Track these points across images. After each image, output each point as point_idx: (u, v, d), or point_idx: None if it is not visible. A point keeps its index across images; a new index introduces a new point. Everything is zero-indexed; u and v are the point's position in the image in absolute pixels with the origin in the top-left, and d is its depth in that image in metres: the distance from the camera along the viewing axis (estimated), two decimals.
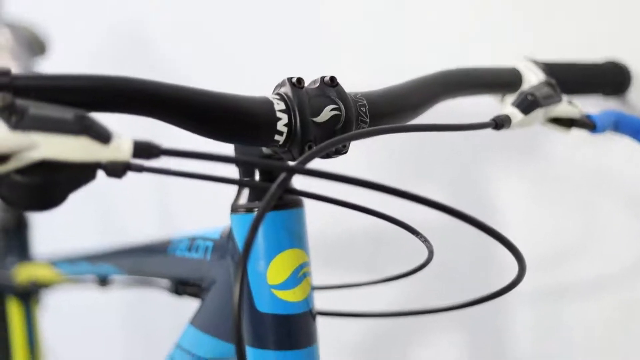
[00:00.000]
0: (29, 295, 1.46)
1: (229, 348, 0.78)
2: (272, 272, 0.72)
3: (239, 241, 0.75)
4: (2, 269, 1.47)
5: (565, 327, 1.14)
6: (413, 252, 1.09)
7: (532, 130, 1.08)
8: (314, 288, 0.76)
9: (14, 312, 1.47)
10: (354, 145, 0.70)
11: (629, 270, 1.07)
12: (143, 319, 1.90)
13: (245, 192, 0.75)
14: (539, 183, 1.14)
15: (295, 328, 0.73)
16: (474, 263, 1.23)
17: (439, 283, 1.26)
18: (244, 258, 0.56)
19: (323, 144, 0.61)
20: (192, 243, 0.85)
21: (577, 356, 1.14)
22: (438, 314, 1.27)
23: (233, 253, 0.76)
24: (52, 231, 1.82)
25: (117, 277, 1.11)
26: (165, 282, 0.94)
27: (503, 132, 1.16)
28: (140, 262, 0.99)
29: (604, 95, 0.97)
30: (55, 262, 1.26)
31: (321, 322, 0.77)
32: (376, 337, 1.39)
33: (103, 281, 1.13)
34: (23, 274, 1.41)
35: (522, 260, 0.67)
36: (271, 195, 0.58)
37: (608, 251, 1.09)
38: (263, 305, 0.72)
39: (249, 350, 0.73)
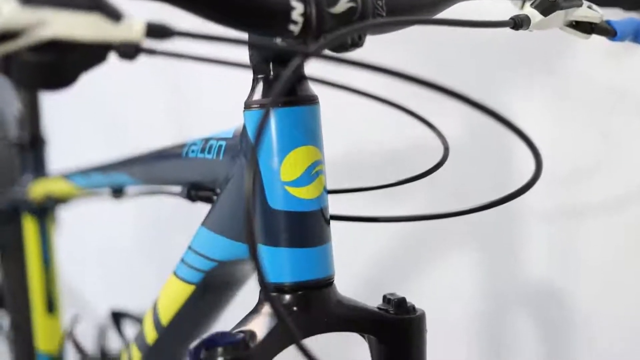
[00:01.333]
0: (45, 211, 1.47)
1: (242, 248, 0.78)
2: (286, 169, 0.71)
3: (252, 137, 0.74)
4: (18, 186, 1.48)
5: (580, 245, 1.13)
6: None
7: (552, 48, 1.07)
8: (327, 191, 0.76)
9: (30, 229, 1.48)
10: (369, 45, 0.69)
11: None
12: (155, 225, 1.91)
13: (259, 88, 0.74)
14: (557, 101, 1.13)
15: (307, 225, 0.72)
16: (491, 180, 1.22)
17: (455, 200, 1.26)
18: (255, 147, 0.55)
19: (339, 32, 0.60)
20: (205, 144, 0.84)
21: (591, 275, 1.13)
22: (453, 228, 1.27)
23: (246, 151, 0.76)
24: (67, 149, 1.82)
25: (130, 187, 1.11)
26: (179, 188, 0.94)
27: (524, 49, 1.14)
28: (154, 168, 0.99)
29: (623, 9, 0.95)
30: (69, 176, 1.26)
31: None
32: (387, 262, 1.39)
33: (117, 192, 1.13)
34: (38, 189, 1.41)
35: (539, 157, 0.66)
36: (285, 80, 0.57)
37: (626, 171, 1.08)
38: (276, 202, 0.72)
39: (262, 249, 0.73)
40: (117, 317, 1.23)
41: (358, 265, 1.41)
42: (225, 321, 0.84)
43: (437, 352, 1.29)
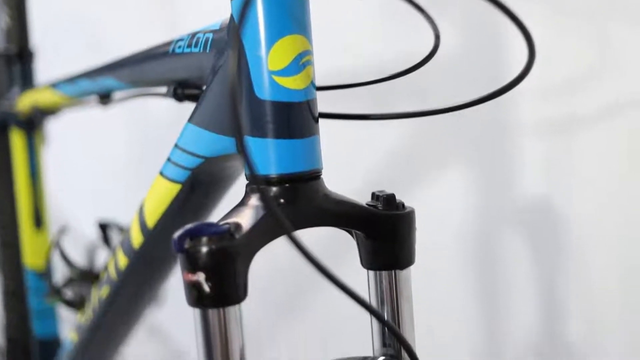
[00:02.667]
0: (32, 125, 1.45)
1: (229, 142, 0.76)
2: (273, 57, 0.70)
3: (237, 18, 0.72)
4: (5, 100, 1.46)
5: (575, 157, 1.12)
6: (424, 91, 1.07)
7: None
8: (316, 87, 0.74)
9: (17, 142, 1.46)
10: None
11: None
12: (145, 141, 1.90)
13: None
14: (553, 9, 1.11)
15: (295, 116, 0.71)
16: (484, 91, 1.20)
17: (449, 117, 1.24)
18: (238, 27, 0.54)
19: None
20: (192, 39, 0.82)
21: (587, 191, 1.12)
22: (445, 146, 1.26)
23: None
24: (55, 60, 1.79)
25: (117, 92, 1.09)
26: (165, 89, 0.92)
27: None
28: (141, 69, 0.97)
29: None
30: (56, 85, 1.24)
31: None
32: (377, 181, 1.38)
33: (104, 98, 1.11)
34: (25, 101, 1.39)
35: (532, 42, 0.64)
36: None
37: (622, 81, 1.06)
38: (263, 92, 0.70)
39: (248, 140, 0.71)
40: (104, 228, 1.22)
41: (348, 182, 1.40)
42: None
43: (429, 270, 1.29)
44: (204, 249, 0.66)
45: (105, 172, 2.10)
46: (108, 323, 1.13)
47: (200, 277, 0.67)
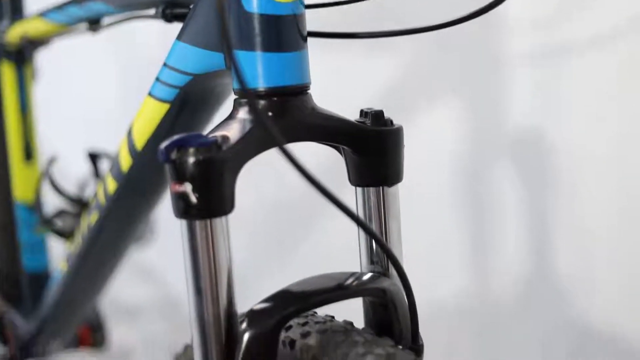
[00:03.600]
0: (22, 57, 1.44)
1: (217, 58, 0.76)
2: None
3: None
4: None
5: (565, 86, 1.12)
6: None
7: None
8: (305, 5, 0.74)
9: (7, 75, 1.45)
10: None
11: (632, 23, 1.04)
12: (138, 74, 1.88)
13: None
14: None
15: (283, 29, 0.71)
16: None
17: (437, 48, 1.24)
18: None
19: None
20: None
21: (577, 115, 1.12)
22: (435, 77, 1.26)
23: None
24: None
25: (106, 17, 1.08)
26: (153, 11, 0.91)
27: None
28: None
29: None
30: (45, 14, 1.23)
31: None
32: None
33: (93, 24, 1.10)
34: (15, 32, 1.38)
35: None
36: None
37: (611, 7, 1.06)
38: (251, 5, 0.70)
39: (238, 54, 0.71)
40: (94, 158, 1.22)
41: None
42: None
43: (419, 203, 1.29)
44: (191, 160, 0.66)
45: (96, 101, 2.09)
46: (97, 251, 1.13)
47: (187, 187, 0.67)
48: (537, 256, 1.18)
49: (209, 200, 0.67)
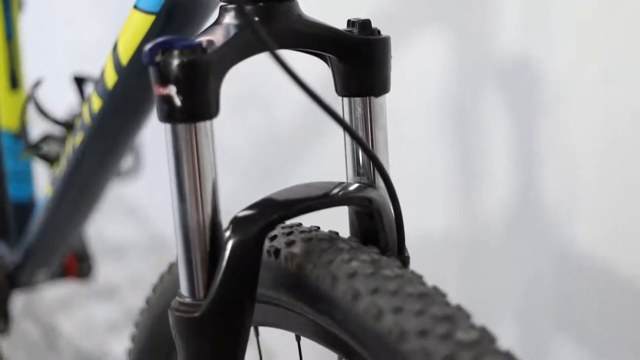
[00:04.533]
0: None
1: None
2: None
3: None
4: None
5: (554, 12, 1.11)
6: None
7: None
8: None
9: None
10: None
11: None
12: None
13: None
14: None
15: None
16: None
17: None
18: None
19: None
20: None
21: (566, 43, 1.11)
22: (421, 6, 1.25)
23: None
24: None
25: None
26: None
27: None
28: None
29: None
30: None
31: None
32: None
33: None
34: None
35: None
36: None
37: None
38: None
39: None
40: (80, 82, 1.21)
41: None
42: None
43: (407, 136, 1.29)
44: (175, 62, 0.65)
45: (81, 23, 2.06)
46: (82, 173, 1.12)
47: (172, 90, 0.66)
48: (524, 186, 1.18)
49: (193, 103, 0.66)
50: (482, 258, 1.28)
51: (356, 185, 0.73)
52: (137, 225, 2.53)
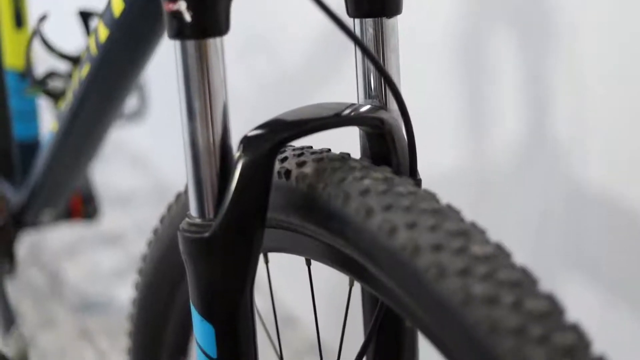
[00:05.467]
0: None
1: None
2: None
3: None
4: None
5: None
6: None
7: None
8: None
9: None
10: None
11: None
12: None
13: None
14: None
15: None
16: None
17: None
18: None
19: None
20: None
21: None
22: None
23: None
24: None
25: None
26: None
27: None
28: None
29: None
30: None
31: None
32: None
33: None
34: None
35: None
36: None
37: None
38: None
39: None
40: (85, 17, 1.19)
41: None
42: None
43: (417, 64, 1.27)
44: None
45: None
46: (88, 106, 1.11)
47: (181, 5, 0.64)
48: (535, 121, 1.17)
49: (203, 18, 0.65)
50: (492, 194, 1.27)
51: (368, 106, 0.72)
52: (143, 173, 2.52)
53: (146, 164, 2.55)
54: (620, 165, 1.09)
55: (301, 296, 1.52)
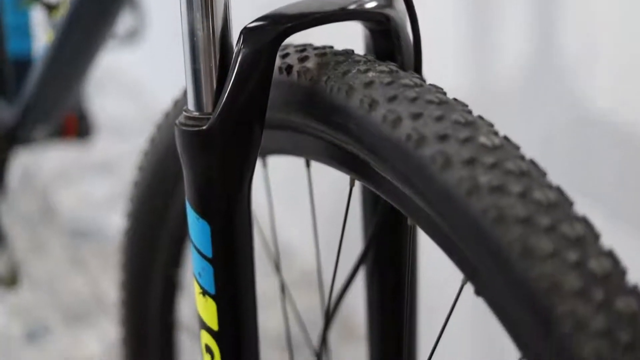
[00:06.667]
0: None
1: None
2: None
3: None
4: None
5: None
6: None
7: None
8: None
9: None
10: None
11: None
12: None
13: None
14: None
15: None
16: None
17: None
18: None
19: None
20: None
21: None
22: None
23: None
24: None
25: None
26: None
27: None
28: None
29: None
30: None
31: None
32: None
33: None
34: None
35: None
36: None
37: None
38: None
39: None
40: None
41: None
42: None
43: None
44: None
45: None
46: (85, 15, 1.09)
47: None
48: (540, 40, 1.14)
49: None
50: (493, 116, 1.24)
51: (374, 2, 0.70)
52: (139, 102, 2.49)
53: (143, 92, 2.52)
54: (625, 86, 1.07)
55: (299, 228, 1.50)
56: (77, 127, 1.47)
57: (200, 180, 0.67)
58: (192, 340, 0.87)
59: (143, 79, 2.52)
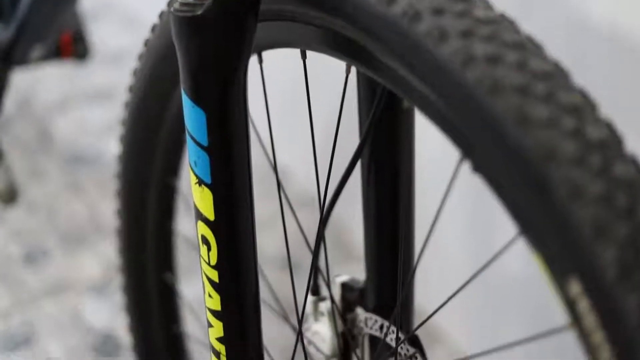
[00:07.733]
0: None
1: None
2: None
3: None
4: None
5: None
6: None
7: None
8: None
9: None
10: None
11: None
12: None
13: None
14: None
15: None
16: None
17: None
18: None
19: None
20: None
21: None
22: None
23: None
24: None
25: None
26: None
27: None
28: None
29: None
30: None
31: None
32: None
33: None
34: None
35: None
36: None
37: None
38: None
39: None
40: None
41: None
42: None
43: None
44: None
45: None
46: None
47: None
48: None
49: None
50: None
51: None
52: (137, 31, 2.47)
53: (142, 22, 2.50)
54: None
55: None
56: (73, 48, 1.46)
57: (194, 66, 0.66)
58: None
59: (142, 8, 2.50)
